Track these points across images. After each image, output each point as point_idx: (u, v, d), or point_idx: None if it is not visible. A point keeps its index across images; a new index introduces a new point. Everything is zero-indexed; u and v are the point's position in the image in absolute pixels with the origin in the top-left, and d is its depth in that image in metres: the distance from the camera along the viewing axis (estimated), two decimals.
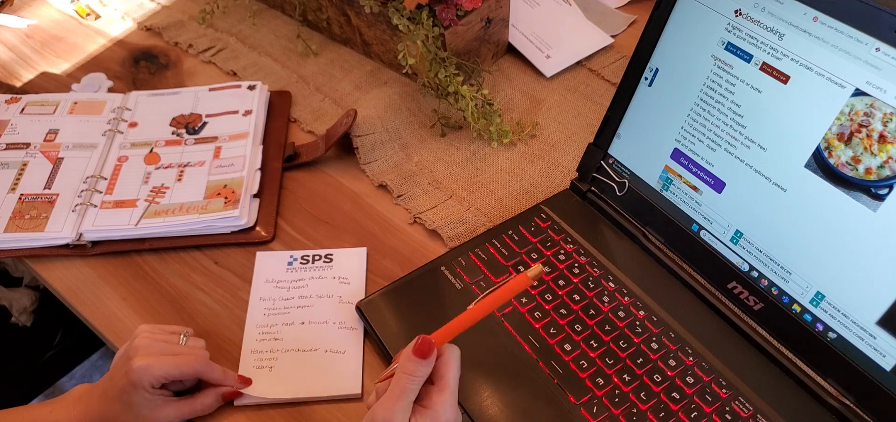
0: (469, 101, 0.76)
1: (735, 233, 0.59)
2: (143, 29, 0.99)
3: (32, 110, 0.82)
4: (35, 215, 0.70)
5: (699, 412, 0.55)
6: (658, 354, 0.58)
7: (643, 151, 0.65)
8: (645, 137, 0.65)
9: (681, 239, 0.64)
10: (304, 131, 0.83)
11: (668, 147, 0.63)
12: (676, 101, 0.62)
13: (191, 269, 0.68)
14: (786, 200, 0.55)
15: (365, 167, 0.77)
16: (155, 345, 0.54)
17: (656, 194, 0.65)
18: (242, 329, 0.62)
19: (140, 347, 0.53)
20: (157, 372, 0.52)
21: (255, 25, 0.98)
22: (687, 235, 0.63)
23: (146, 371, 0.52)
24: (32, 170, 0.75)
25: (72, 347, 1.24)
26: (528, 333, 0.60)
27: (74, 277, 0.68)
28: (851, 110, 0.50)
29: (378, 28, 0.85)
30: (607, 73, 0.88)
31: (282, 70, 0.91)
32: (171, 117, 0.82)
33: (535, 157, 0.78)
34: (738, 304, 0.60)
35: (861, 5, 0.49)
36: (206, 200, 0.71)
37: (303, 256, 0.68)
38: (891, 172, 0.49)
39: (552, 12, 0.94)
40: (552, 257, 0.65)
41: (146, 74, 0.92)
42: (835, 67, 0.51)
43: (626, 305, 0.62)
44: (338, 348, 0.60)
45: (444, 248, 0.69)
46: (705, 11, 0.58)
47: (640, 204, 0.66)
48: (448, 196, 0.74)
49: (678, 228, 0.64)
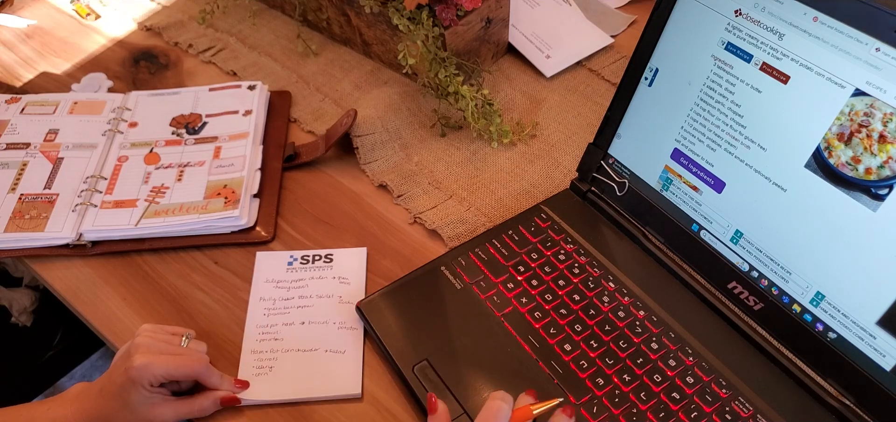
0: (469, 101, 0.76)
1: (735, 233, 0.59)
2: (143, 29, 0.99)
3: (32, 110, 0.82)
4: (35, 215, 0.70)
5: (699, 412, 0.55)
6: (658, 354, 0.58)
7: (643, 151, 0.65)
8: (645, 137, 0.65)
9: (681, 239, 0.64)
10: (304, 131, 0.83)
11: (668, 147, 0.63)
12: (676, 102, 0.62)
13: (191, 269, 0.68)
14: (786, 200, 0.55)
15: (365, 167, 0.77)
16: (156, 344, 0.54)
17: (656, 194, 0.65)
18: (242, 329, 0.62)
19: (141, 345, 0.53)
20: (156, 370, 0.52)
21: (255, 25, 0.98)
22: (687, 235, 0.63)
23: (146, 369, 0.52)
24: (32, 170, 0.75)
25: (72, 347, 1.24)
26: (528, 333, 0.60)
27: (74, 277, 0.68)
28: (851, 110, 0.50)
29: (378, 28, 0.85)
30: (607, 73, 0.88)
31: (282, 70, 0.91)
32: (171, 117, 0.82)
33: (535, 157, 0.78)
34: (738, 304, 0.60)
35: (861, 5, 0.49)
36: (206, 200, 0.71)
37: (303, 257, 0.68)
38: (891, 173, 0.49)
39: (552, 12, 0.94)
40: (552, 257, 0.65)
41: (146, 74, 0.92)
42: (835, 67, 0.51)
43: (626, 305, 0.62)
44: (338, 349, 0.60)
45: (444, 248, 0.69)
46: (705, 11, 0.58)
47: (640, 204, 0.66)
48: (448, 196, 0.74)
49: (678, 228, 0.64)
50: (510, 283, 0.63)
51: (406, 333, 0.60)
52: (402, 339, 0.59)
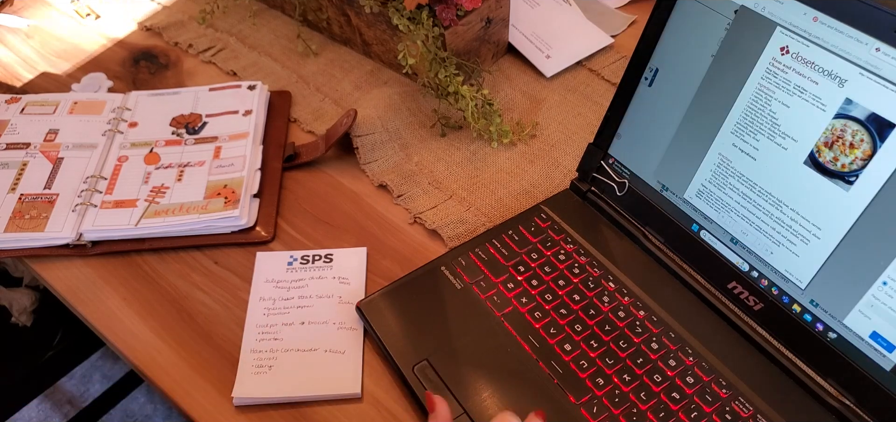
0: (469, 101, 0.76)
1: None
2: (143, 29, 0.99)
3: (32, 110, 0.82)
4: (35, 215, 0.70)
5: (699, 412, 0.55)
6: (658, 354, 0.58)
7: (643, 151, 0.65)
8: (645, 138, 0.65)
9: (681, 239, 0.64)
10: (304, 131, 0.83)
11: (669, 147, 0.63)
12: (676, 102, 0.62)
13: (191, 269, 0.69)
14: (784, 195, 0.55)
15: (365, 167, 0.77)
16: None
17: (656, 194, 0.65)
18: (242, 329, 0.62)
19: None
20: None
21: (255, 25, 0.98)
22: (687, 235, 0.63)
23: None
24: (32, 170, 0.75)
25: (72, 347, 1.24)
26: (528, 333, 0.60)
27: (74, 277, 0.68)
28: (832, 128, 0.50)
29: (378, 28, 0.85)
30: (607, 73, 0.88)
31: (282, 70, 0.91)
32: (171, 117, 0.82)
33: (535, 157, 0.78)
34: (738, 304, 0.60)
35: (861, 5, 0.49)
36: (206, 200, 0.71)
37: (303, 257, 0.68)
38: (858, 166, 0.49)
39: (552, 12, 0.94)
40: (552, 257, 0.65)
41: (146, 74, 0.92)
42: (834, 67, 0.51)
43: (626, 305, 0.62)
44: (338, 349, 0.60)
45: (444, 248, 0.69)
46: (705, 11, 0.58)
47: (640, 204, 0.66)
48: (448, 196, 0.74)
49: (678, 227, 0.64)
50: (510, 283, 0.63)
51: (406, 333, 0.60)
52: (402, 339, 0.59)
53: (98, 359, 1.37)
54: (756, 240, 0.58)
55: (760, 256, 0.58)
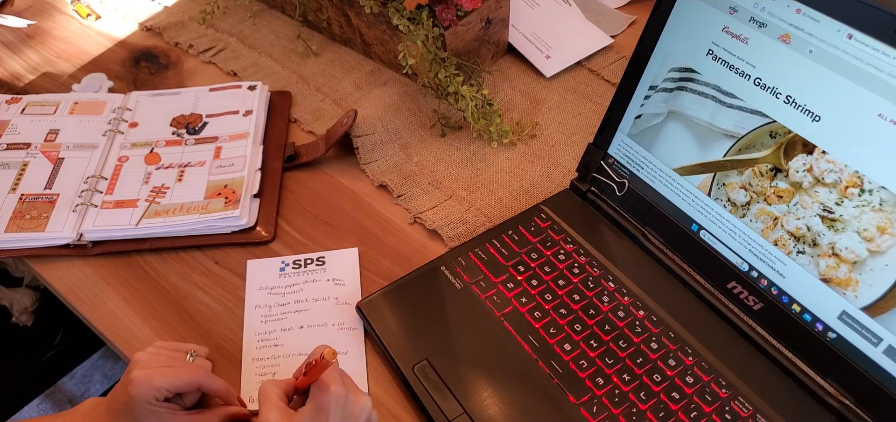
0: (469, 101, 0.76)
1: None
2: (144, 29, 0.99)
3: (33, 111, 0.82)
4: (36, 215, 0.70)
5: (699, 412, 0.55)
6: (658, 354, 0.58)
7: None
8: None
9: (680, 239, 0.64)
10: (305, 131, 0.83)
11: None
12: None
13: (191, 269, 0.69)
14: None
15: (365, 167, 0.77)
16: (156, 359, 0.54)
17: (656, 194, 0.65)
18: (242, 329, 0.62)
19: (140, 360, 0.53)
20: (156, 383, 0.52)
21: (256, 26, 0.98)
22: (687, 235, 0.63)
23: (144, 383, 0.51)
24: (33, 170, 0.75)
25: (72, 347, 1.24)
26: (528, 333, 0.60)
27: (75, 277, 0.68)
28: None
29: (378, 28, 0.85)
30: (607, 73, 0.88)
31: (282, 70, 0.91)
32: (172, 117, 0.82)
33: (535, 157, 0.79)
34: (738, 304, 0.60)
35: (861, 5, 0.49)
36: (206, 200, 0.71)
37: (294, 261, 0.68)
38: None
39: (552, 12, 0.94)
40: (552, 257, 0.65)
41: (147, 75, 0.92)
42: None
43: (626, 305, 0.62)
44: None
45: (444, 248, 0.69)
46: (705, 10, 0.58)
47: (640, 204, 0.66)
48: (448, 196, 0.74)
49: (678, 227, 0.64)
50: (510, 283, 0.63)
51: (406, 332, 0.60)
52: (403, 338, 0.59)
53: (98, 359, 1.37)
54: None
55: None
